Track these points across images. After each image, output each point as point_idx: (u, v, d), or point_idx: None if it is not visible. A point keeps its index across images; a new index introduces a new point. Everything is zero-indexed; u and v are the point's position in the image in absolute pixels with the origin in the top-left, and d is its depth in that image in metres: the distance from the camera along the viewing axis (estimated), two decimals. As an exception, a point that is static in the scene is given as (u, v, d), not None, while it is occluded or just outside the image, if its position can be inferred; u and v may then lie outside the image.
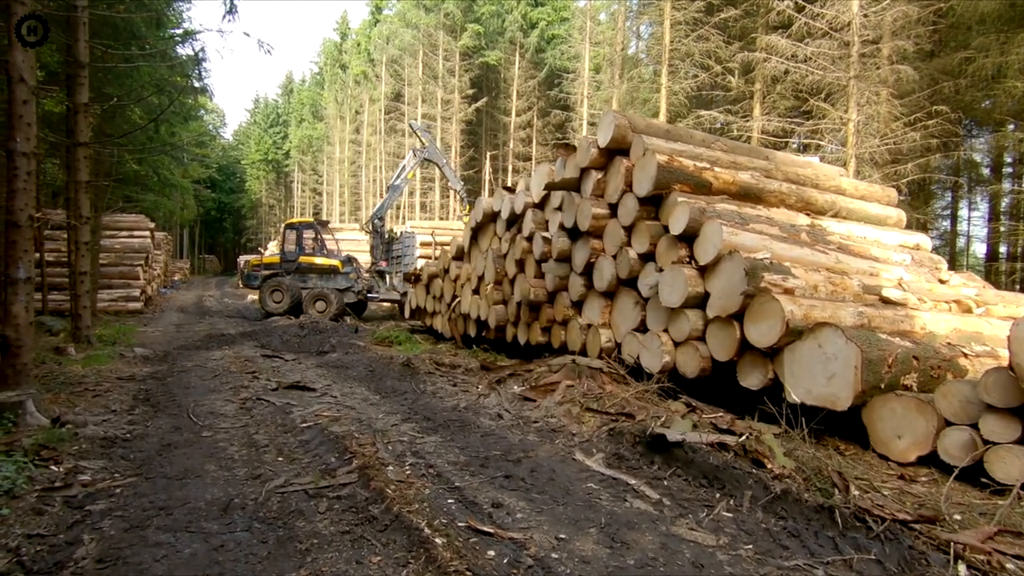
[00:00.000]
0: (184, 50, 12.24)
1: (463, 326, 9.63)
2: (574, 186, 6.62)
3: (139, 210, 19.61)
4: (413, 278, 16.60)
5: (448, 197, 32.52)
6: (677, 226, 5.24)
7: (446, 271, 10.23)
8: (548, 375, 5.97)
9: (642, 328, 5.75)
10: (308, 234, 17.06)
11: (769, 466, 3.57)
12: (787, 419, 4.09)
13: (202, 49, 11.37)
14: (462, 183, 17.57)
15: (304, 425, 4.58)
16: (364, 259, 18.19)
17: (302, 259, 16.56)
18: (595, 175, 6.30)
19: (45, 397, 5.05)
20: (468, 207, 17.41)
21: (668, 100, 14.37)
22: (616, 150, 6.09)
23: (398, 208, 36.67)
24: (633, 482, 3.59)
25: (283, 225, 17.96)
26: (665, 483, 3.64)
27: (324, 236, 17.54)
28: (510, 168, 30.74)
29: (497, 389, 5.98)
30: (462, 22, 30.50)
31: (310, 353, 9.25)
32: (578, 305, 6.72)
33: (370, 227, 17.70)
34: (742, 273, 4.53)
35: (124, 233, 18.36)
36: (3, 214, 5.17)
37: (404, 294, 16.40)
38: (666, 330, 5.36)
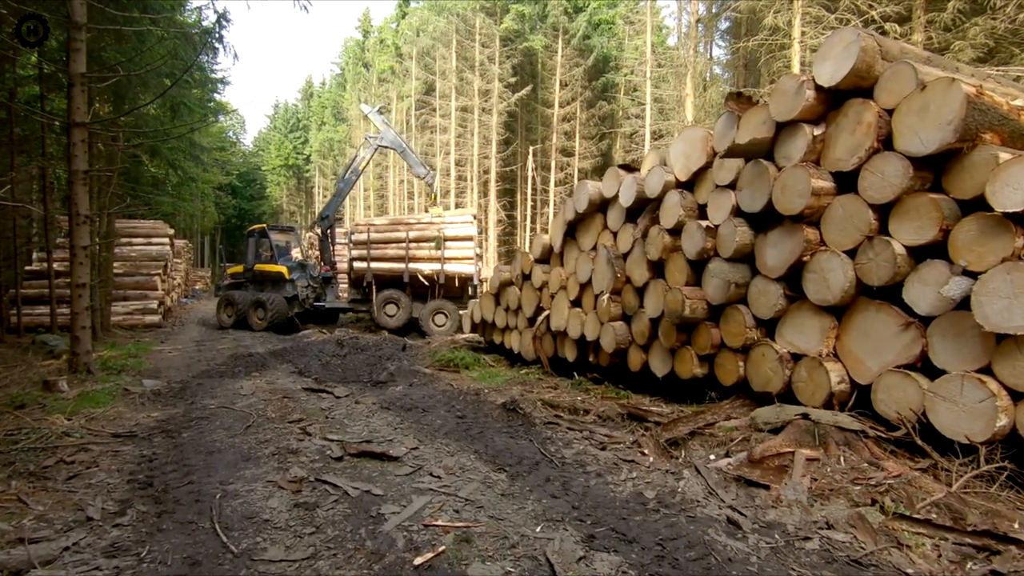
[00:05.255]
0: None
1: (552, 346, 7.59)
2: (765, 150, 4.55)
3: (157, 215, 18.07)
4: (359, 283, 15.13)
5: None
6: (1014, 197, 3.13)
7: (526, 277, 8.20)
8: (757, 436, 3.88)
9: (915, 365, 3.64)
10: (266, 240, 15.87)
11: None
12: None
13: (223, 15, 9.54)
14: (428, 170, 15.44)
15: (419, 561, 2.54)
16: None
17: (257, 267, 15.50)
18: (808, 131, 4.21)
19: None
20: (434, 197, 15.56)
21: (801, 56, 11.97)
22: (849, 91, 4.00)
23: (426, 209, 34.79)
24: None
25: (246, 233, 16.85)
26: None
27: (286, 242, 16.48)
28: (552, 164, 28.48)
29: (678, 458, 3.90)
30: (504, 3, 28.33)
31: (362, 383, 7.27)
32: (768, 324, 4.64)
33: (318, 229, 16.28)
34: None
35: (141, 240, 16.83)
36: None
37: (353, 302, 15.11)
38: (987, 370, 3.25)
